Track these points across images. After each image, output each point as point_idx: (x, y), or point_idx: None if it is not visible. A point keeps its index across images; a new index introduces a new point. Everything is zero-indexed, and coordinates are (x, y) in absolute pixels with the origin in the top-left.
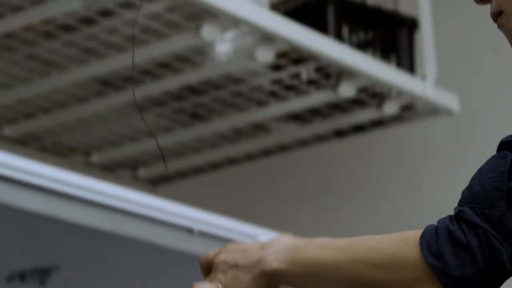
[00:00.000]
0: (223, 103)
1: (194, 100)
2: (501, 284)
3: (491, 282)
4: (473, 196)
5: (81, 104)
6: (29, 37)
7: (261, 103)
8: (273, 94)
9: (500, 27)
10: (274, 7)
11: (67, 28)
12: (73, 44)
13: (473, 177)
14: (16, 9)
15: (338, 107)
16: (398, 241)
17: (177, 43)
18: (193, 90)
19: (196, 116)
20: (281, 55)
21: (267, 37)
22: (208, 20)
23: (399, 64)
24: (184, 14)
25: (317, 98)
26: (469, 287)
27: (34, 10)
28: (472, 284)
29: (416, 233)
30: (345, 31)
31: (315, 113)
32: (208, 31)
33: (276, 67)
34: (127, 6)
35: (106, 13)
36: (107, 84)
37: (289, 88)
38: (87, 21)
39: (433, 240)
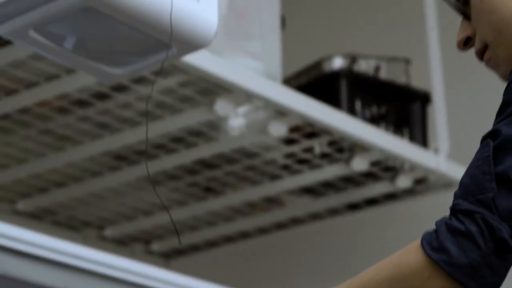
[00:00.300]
0: (236, 177)
1: (208, 174)
2: (510, 265)
3: (499, 264)
4: (464, 189)
5: (95, 178)
6: (43, 112)
7: (274, 177)
8: (286, 167)
9: (487, 62)
10: (287, 82)
11: (81, 103)
12: (87, 119)
13: (462, 177)
14: (30, 85)
15: (351, 180)
16: (401, 252)
17: (191, 117)
18: (206, 164)
19: (209, 190)
20: (294, 129)
21: (280, 112)
22: (222, 95)
23: (412, 138)
24: (197, 89)
25: (330, 171)
26: (477, 274)
27: (48, 86)
28: (480, 270)
29: (417, 241)
30: (357, 105)
31: (328, 186)
32: (221, 106)
33: (289, 141)
34: (141, 81)
35: (120, 88)
36: (121, 158)
37: (302, 162)
38: (101, 96)
39: (433, 238)
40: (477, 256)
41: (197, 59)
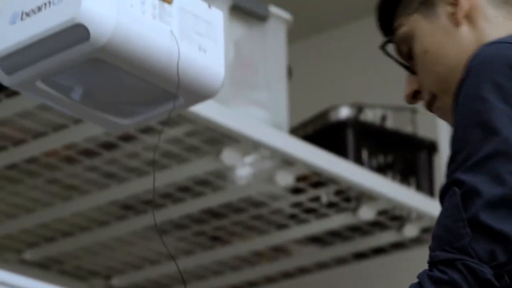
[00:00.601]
0: (243, 226)
1: (215, 223)
2: None
3: None
4: (439, 240)
5: (102, 227)
6: (50, 162)
7: (281, 226)
8: (293, 217)
9: (437, 111)
10: (293, 131)
11: (88, 153)
12: (94, 169)
13: (433, 231)
14: (38, 135)
15: (358, 229)
16: None
17: (198, 167)
18: (213, 213)
19: (216, 239)
20: (301, 178)
21: (287, 161)
22: (229, 145)
23: (419, 187)
24: (204, 139)
25: (337, 221)
26: None
27: (56, 136)
28: None
29: None
30: (364, 154)
31: (335, 235)
32: (228, 156)
33: (296, 191)
34: (147, 131)
35: (127, 138)
36: (128, 208)
37: (309, 211)
38: (108, 146)
39: None
40: None
41: (203, 109)
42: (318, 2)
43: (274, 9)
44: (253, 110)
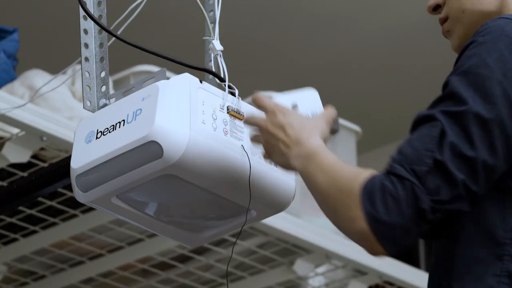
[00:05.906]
0: None
1: None
2: (421, 234)
3: (415, 230)
4: (404, 157)
5: None
6: (126, 276)
7: None
8: None
9: (445, 32)
10: None
11: (163, 266)
12: (169, 282)
13: (401, 144)
14: (114, 249)
15: None
16: (356, 174)
17: (271, 278)
18: None
19: None
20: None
21: (359, 271)
22: (301, 256)
23: None
24: (277, 250)
25: None
26: (394, 233)
27: (131, 250)
28: (397, 230)
29: (368, 176)
30: None
31: None
32: (301, 266)
33: None
34: (220, 243)
35: (201, 251)
36: None
37: None
38: (183, 259)
39: (371, 190)
40: (397, 218)
41: (275, 221)
42: (386, 114)
43: (343, 122)
44: (325, 221)
